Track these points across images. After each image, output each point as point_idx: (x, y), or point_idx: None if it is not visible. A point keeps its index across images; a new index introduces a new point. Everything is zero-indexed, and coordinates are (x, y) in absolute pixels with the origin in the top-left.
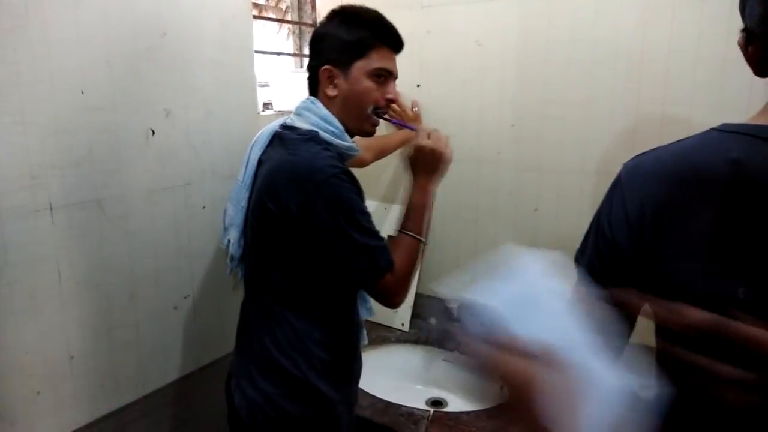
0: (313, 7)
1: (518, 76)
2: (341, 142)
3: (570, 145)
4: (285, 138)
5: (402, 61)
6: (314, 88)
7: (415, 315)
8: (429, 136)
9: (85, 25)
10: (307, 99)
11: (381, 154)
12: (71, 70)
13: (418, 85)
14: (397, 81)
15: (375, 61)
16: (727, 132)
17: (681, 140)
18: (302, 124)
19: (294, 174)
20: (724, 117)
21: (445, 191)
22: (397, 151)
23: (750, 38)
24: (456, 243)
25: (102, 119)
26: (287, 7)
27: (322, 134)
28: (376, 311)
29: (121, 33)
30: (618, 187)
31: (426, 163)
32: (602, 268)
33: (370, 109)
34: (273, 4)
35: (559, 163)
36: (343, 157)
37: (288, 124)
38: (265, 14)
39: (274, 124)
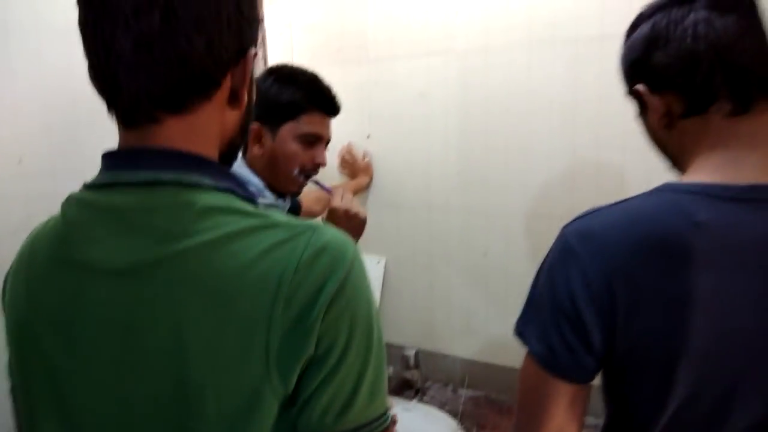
0: (265, 63)
1: (461, 126)
2: (261, 199)
3: (513, 190)
4: None
5: (352, 113)
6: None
7: None
8: (341, 197)
9: (22, 95)
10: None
11: (326, 206)
12: (9, 140)
13: (368, 136)
14: (349, 132)
15: (304, 125)
16: (681, 192)
17: (626, 201)
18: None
19: None
20: (655, 161)
21: (399, 238)
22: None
23: (656, 87)
24: (411, 290)
25: (40, 186)
26: None
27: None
28: None
29: (60, 100)
30: (572, 258)
31: (341, 225)
32: (563, 346)
33: (296, 172)
34: None
35: (504, 208)
36: None
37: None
38: None
39: None
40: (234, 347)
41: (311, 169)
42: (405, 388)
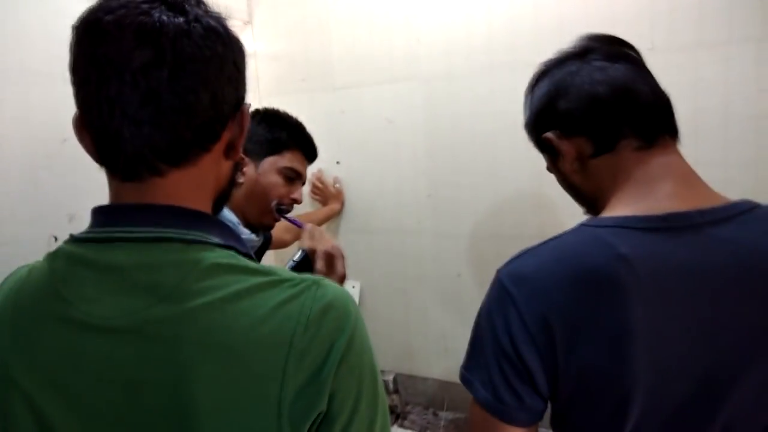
0: None
1: (428, 149)
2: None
3: (483, 211)
4: None
5: (321, 139)
6: None
7: None
8: (311, 236)
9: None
10: None
11: (298, 235)
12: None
13: (337, 162)
14: (318, 159)
15: (287, 160)
16: (602, 227)
17: (553, 239)
18: None
19: None
20: None
21: (373, 263)
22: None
23: (566, 132)
24: (387, 313)
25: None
26: None
27: None
28: None
29: (18, 143)
30: (508, 300)
31: (334, 267)
32: (508, 391)
33: (273, 204)
34: None
35: (475, 229)
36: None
37: None
38: None
39: None
40: (246, 403)
41: (288, 203)
42: None
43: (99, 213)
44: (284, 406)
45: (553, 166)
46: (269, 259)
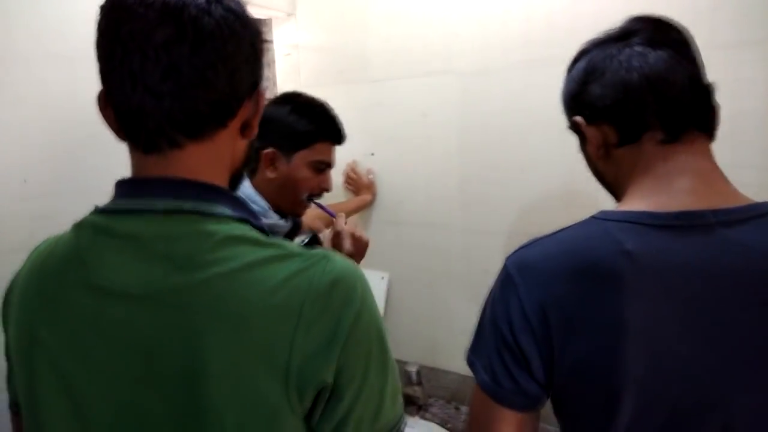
0: (274, 84)
1: (461, 145)
2: (265, 220)
3: (513, 207)
4: None
5: (356, 132)
6: (253, 169)
7: None
8: (346, 221)
9: (26, 118)
10: None
11: (330, 223)
12: (15, 162)
13: (372, 154)
14: (353, 150)
15: (317, 153)
16: (612, 221)
17: (563, 230)
18: None
19: None
20: None
21: (402, 255)
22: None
23: (592, 119)
24: (413, 306)
25: (44, 206)
26: None
27: None
28: None
29: (63, 123)
30: (511, 287)
31: (347, 247)
32: (507, 376)
33: (304, 196)
34: None
35: (504, 226)
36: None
37: None
38: None
39: None
40: (254, 368)
41: (318, 193)
42: (407, 405)
43: (122, 185)
44: (291, 373)
45: (582, 149)
46: None
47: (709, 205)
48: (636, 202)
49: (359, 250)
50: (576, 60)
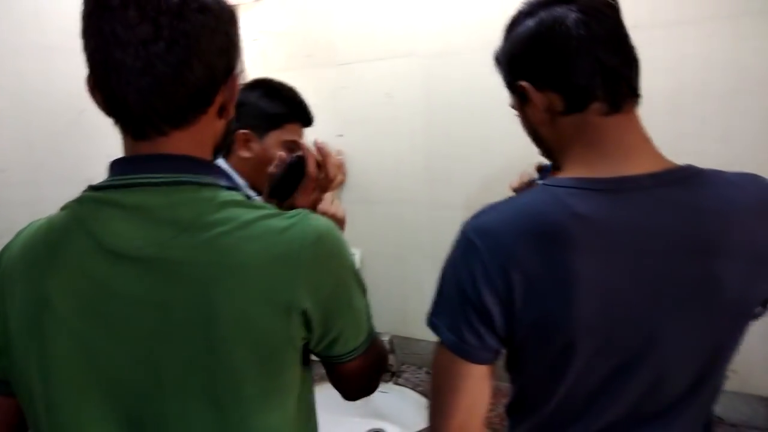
0: (243, 68)
1: (425, 124)
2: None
3: (475, 183)
4: None
5: (325, 114)
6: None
7: None
8: (331, 201)
9: (3, 109)
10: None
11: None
12: None
13: (340, 135)
14: (322, 132)
15: (288, 133)
16: (560, 187)
17: (516, 198)
18: None
19: None
20: None
21: (373, 232)
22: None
23: (539, 85)
24: (386, 279)
25: (24, 193)
26: None
27: None
28: None
29: (40, 113)
30: (473, 252)
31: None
32: (472, 334)
33: None
34: None
35: (467, 199)
36: None
37: None
38: None
39: None
40: (261, 311)
41: None
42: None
43: (118, 163)
44: (294, 310)
45: (520, 110)
46: None
47: (645, 170)
48: (579, 170)
49: (336, 222)
50: (518, 18)
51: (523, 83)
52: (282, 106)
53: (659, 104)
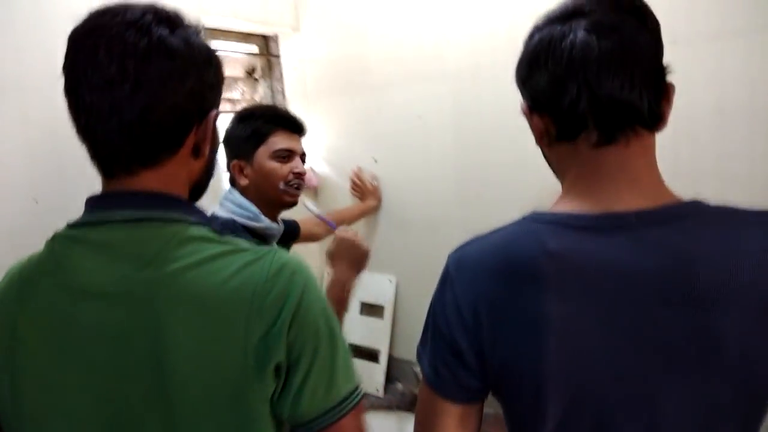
0: (283, 96)
1: (456, 146)
2: (256, 224)
3: (509, 204)
4: None
5: (359, 138)
6: (233, 182)
7: (390, 379)
8: (346, 230)
9: (35, 139)
10: (227, 190)
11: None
12: (25, 182)
13: (375, 160)
14: (357, 157)
15: (273, 144)
16: (539, 222)
17: (500, 229)
18: (222, 213)
19: None
20: None
21: (407, 257)
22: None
23: (536, 107)
24: (421, 307)
25: (55, 225)
26: (261, 98)
27: (240, 220)
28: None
29: (71, 142)
30: (448, 283)
31: (348, 255)
32: (446, 369)
33: (281, 185)
34: (248, 96)
35: (500, 222)
36: (266, 237)
37: (212, 214)
38: (239, 106)
39: None
40: (215, 348)
41: (294, 179)
42: (415, 403)
43: (91, 201)
44: (248, 353)
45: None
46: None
47: (635, 206)
48: (565, 204)
49: (359, 257)
50: (529, 36)
51: (522, 104)
52: (254, 122)
53: (703, 122)
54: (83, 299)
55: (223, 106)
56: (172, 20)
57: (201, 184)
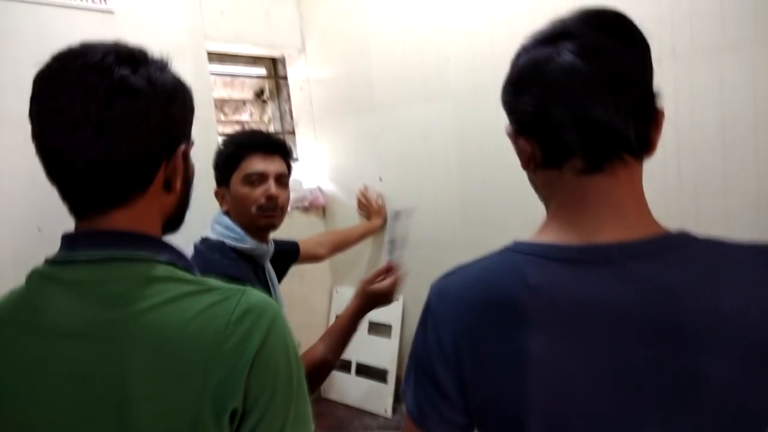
0: (291, 116)
1: (460, 165)
2: (243, 245)
3: (512, 224)
4: (195, 249)
5: (365, 157)
6: None
7: (399, 400)
8: (397, 280)
9: (38, 168)
10: (217, 212)
11: (337, 247)
12: (28, 210)
13: (380, 179)
14: (363, 175)
15: (243, 169)
16: (520, 253)
17: (481, 259)
18: (212, 235)
19: None
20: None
21: (414, 277)
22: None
23: (522, 131)
24: None
25: (56, 249)
26: (269, 119)
27: (228, 242)
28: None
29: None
30: (430, 316)
31: (379, 300)
32: (429, 404)
33: (253, 209)
34: (257, 117)
35: (505, 241)
36: (254, 257)
37: (204, 237)
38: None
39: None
40: (174, 391)
41: (266, 203)
42: None
43: (64, 239)
44: (206, 397)
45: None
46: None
47: (619, 238)
48: (547, 233)
49: (385, 302)
50: (518, 56)
51: (508, 126)
52: (228, 149)
53: (707, 139)
54: (52, 339)
55: (233, 127)
56: (134, 59)
57: (176, 216)
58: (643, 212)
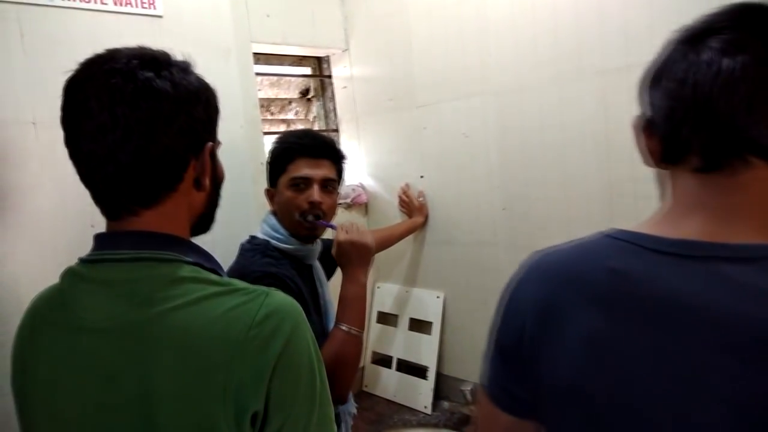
0: (335, 115)
1: (501, 163)
2: (287, 246)
3: (554, 223)
4: (241, 248)
5: (406, 155)
6: None
7: (438, 397)
8: (346, 230)
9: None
10: (267, 213)
11: (381, 245)
12: (84, 207)
13: (421, 176)
14: (405, 173)
15: (291, 173)
16: (614, 239)
17: (578, 240)
18: (260, 235)
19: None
20: None
21: (454, 274)
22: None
23: (649, 128)
24: (469, 324)
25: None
26: (314, 117)
27: (273, 242)
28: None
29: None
30: (513, 288)
31: (350, 256)
32: (497, 375)
33: (297, 215)
34: (302, 116)
35: (547, 242)
36: (297, 258)
37: (252, 236)
38: (293, 126)
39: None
40: (198, 393)
41: (309, 210)
42: (464, 424)
43: (96, 239)
44: (229, 398)
45: None
46: None
47: (720, 239)
48: (648, 225)
49: (362, 252)
50: (663, 48)
51: (634, 119)
52: (277, 150)
53: None
54: (81, 334)
55: (278, 126)
56: (157, 62)
57: (206, 214)
58: (757, 218)
